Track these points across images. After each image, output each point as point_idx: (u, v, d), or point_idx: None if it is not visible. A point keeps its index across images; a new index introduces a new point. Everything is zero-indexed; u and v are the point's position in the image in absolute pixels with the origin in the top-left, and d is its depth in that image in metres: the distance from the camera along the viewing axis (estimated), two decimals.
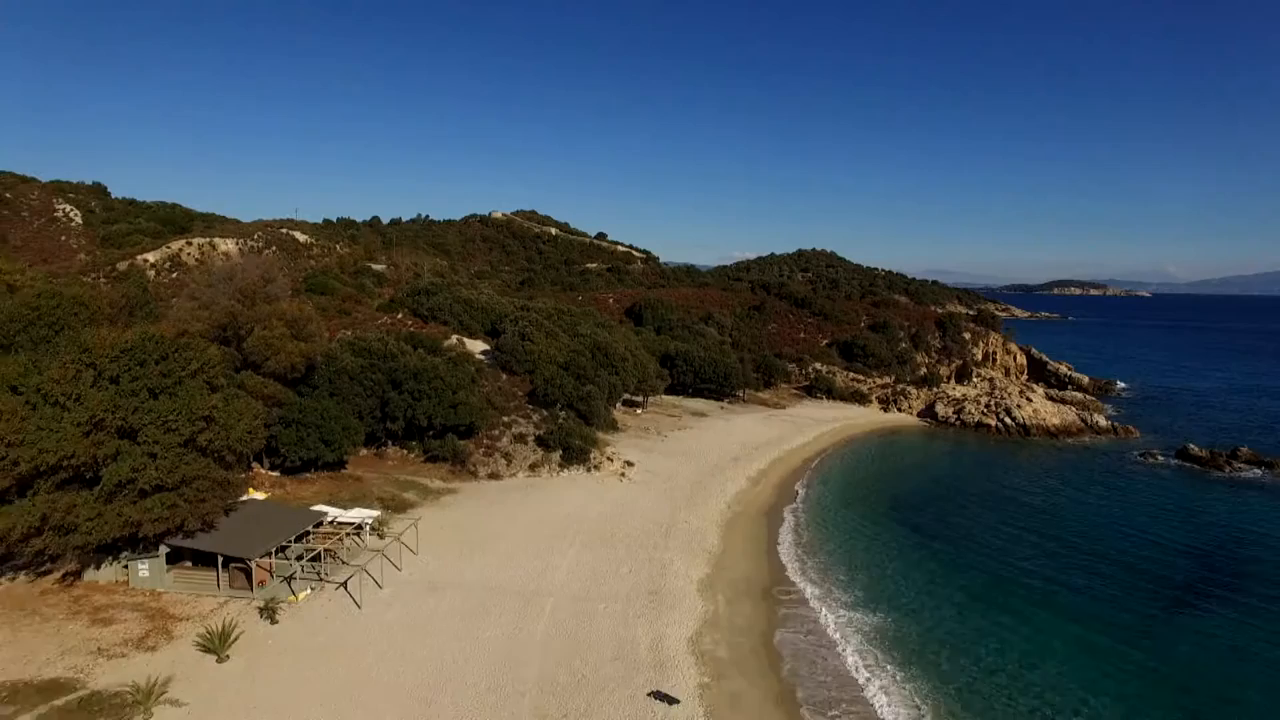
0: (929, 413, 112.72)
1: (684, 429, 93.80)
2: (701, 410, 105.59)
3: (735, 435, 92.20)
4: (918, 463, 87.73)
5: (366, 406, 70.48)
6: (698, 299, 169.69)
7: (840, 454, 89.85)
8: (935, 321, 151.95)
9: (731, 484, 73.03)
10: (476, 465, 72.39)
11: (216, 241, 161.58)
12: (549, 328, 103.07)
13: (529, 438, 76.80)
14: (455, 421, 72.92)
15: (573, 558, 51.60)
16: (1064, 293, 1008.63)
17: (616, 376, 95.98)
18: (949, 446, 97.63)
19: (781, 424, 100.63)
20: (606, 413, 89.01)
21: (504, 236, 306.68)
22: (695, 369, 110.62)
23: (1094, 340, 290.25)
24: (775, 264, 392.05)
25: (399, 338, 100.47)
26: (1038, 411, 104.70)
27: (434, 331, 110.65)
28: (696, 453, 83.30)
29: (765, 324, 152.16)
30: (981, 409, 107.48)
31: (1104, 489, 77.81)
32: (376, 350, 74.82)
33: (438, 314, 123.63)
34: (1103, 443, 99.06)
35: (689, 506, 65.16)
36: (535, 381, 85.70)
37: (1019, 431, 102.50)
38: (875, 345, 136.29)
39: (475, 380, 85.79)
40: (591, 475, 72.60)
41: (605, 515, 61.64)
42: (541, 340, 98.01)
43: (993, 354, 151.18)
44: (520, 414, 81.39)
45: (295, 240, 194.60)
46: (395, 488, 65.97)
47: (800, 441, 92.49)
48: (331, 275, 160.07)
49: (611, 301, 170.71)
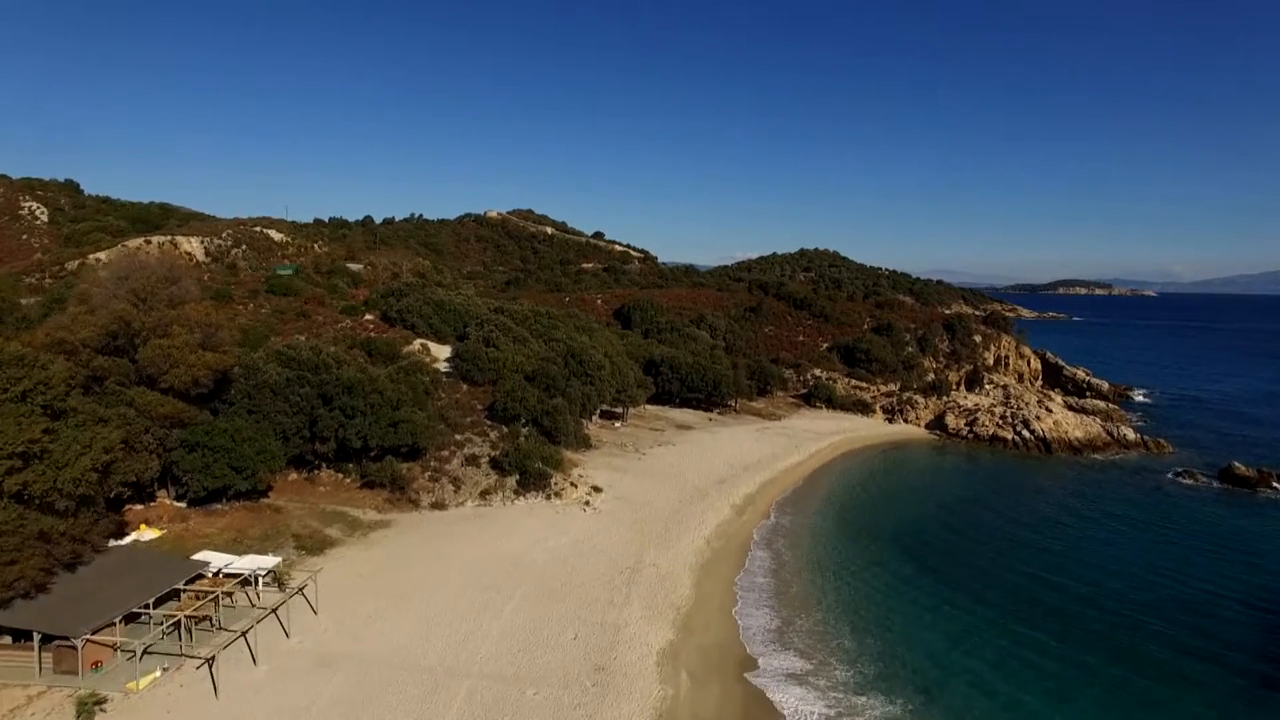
0: (938, 424, 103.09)
1: (665, 445, 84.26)
2: (687, 422, 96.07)
3: (722, 452, 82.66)
4: (927, 485, 78.08)
5: (293, 425, 61.06)
6: (691, 300, 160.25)
7: (839, 474, 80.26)
8: (943, 323, 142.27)
9: (713, 513, 63.50)
10: (419, 492, 62.99)
11: (179, 240, 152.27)
12: (518, 333, 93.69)
13: (483, 459, 67.38)
14: (395, 442, 63.47)
15: (508, 618, 42.13)
16: (1069, 292, 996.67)
17: (591, 386, 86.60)
18: (961, 464, 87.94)
19: (775, 438, 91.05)
20: (577, 428, 79.60)
21: (499, 236, 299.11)
22: (681, 377, 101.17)
23: (1104, 341, 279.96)
24: (777, 263, 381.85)
25: (352, 344, 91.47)
26: (1059, 424, 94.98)
27: (396, 336, 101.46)
28: (677, 474, 73.79)
29: (762, 326, 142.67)
30: (996, 420, 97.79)
31: (1143, 519, 67.96)
32: (307, 360, 65.41)
33: (406, 317, 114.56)
34: (1132, 459, 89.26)
35: (661, 543, 55.63)
36: (496, 394, 76.40)
37: (1039, 446, 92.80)
38: (879, 349, 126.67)
39: (429, 393, 76.53)
40: (551, 504, 63.14)
41: (559, 556, 52.18)
42: (508, 347, 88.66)
43: (1005, 358, 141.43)
44: (476, 431, 71.98)
45: (269, 239, 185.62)
46: (319, 521, 56.59)
47: (795, 459, 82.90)
48: (297, 275, 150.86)
49: (600, 303, 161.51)
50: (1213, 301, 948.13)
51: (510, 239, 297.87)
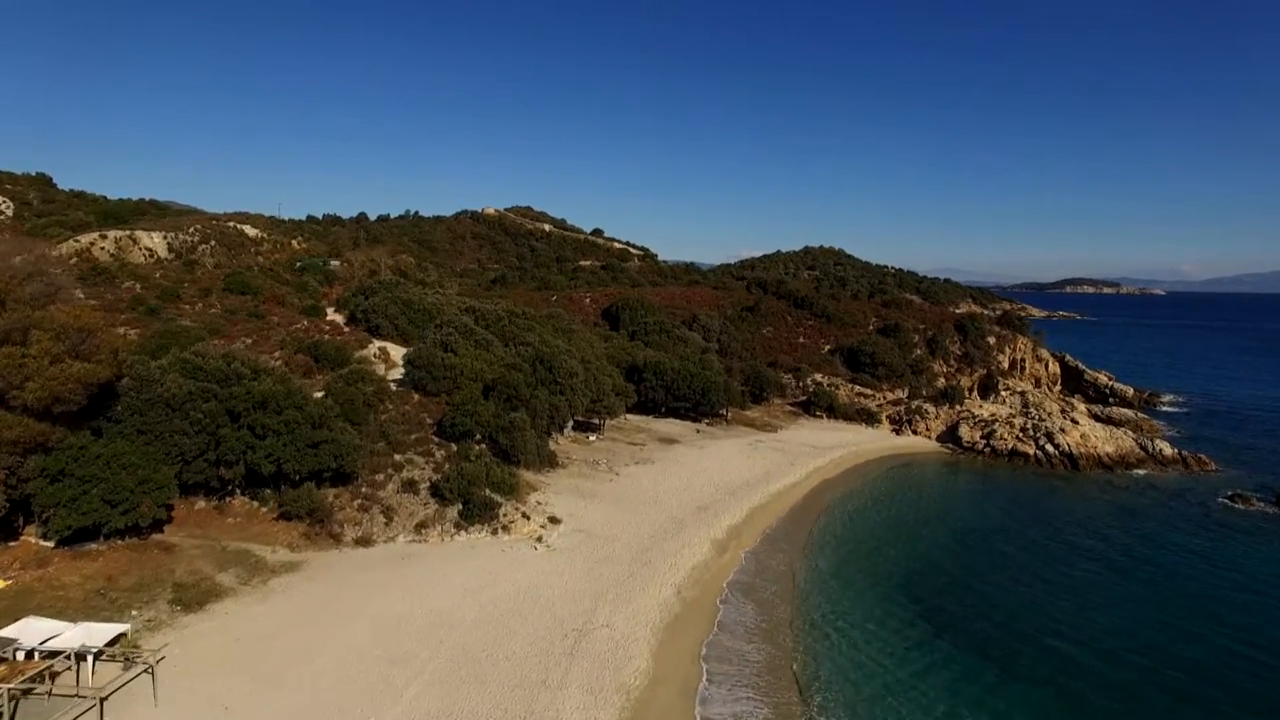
0: (951, 436, 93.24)
1: (644, 463, 74.68)
2: (672, 435, 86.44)
3: (708, 471, 73.05)
4: (940, 512, 68.21)
5: (192, 447, 51.71)
6: (685, 299, 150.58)
7: (840, 499, 70.55)
8: (954, 324, 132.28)
9: (689, 551, 53.85)
10: (343, 525, 53.54)
11: (139, 234, 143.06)
12: (481, 336, 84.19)
13: (422, 485, 57.87)
14: (316, 465, 54.05)
15: (404, 709, 32.63)
16: (1077, 291, 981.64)
17: (561, 397, 77.10)
18: (978, 484, 78.05)
19: (769, 454, 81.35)
20: (540, 445, 70.08)
21: (495, 233, 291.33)
22: (667, 384, 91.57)
23: (1119, 342, 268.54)
24: (781, 261, 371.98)
25: (299, 348, 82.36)
26: (1086, 437, 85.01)
27: (351, 339, 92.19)
28: (652, 499, 64.22)
29: (759, 327, 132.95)
30: (1016, 433, 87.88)
31: (1202, 558, 57.61)
32: (214, 370, 56.02)
33: (371, 318, 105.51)
34: (1171, 478, 79.22)
35: (620, 594, 46.05)
36: (446, 407, 66.99)
37: (1064, 463, 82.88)
38: (885, 352, 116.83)
39: (371, 405, 67.16)
40: (498, 540, 53.65)
41: (494, 612, 42.70)
42: (468, 352, 79.18)
43: (1021, 361, 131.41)
44: (421, 450, 62.52)
45: (243, 234, 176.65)
46: (214, 563, 47.20)
47: (790, 480, 73.21)
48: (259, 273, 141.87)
49: (588, 302, 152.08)
50: (1225, 300, 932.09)
51: (507, 236, 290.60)
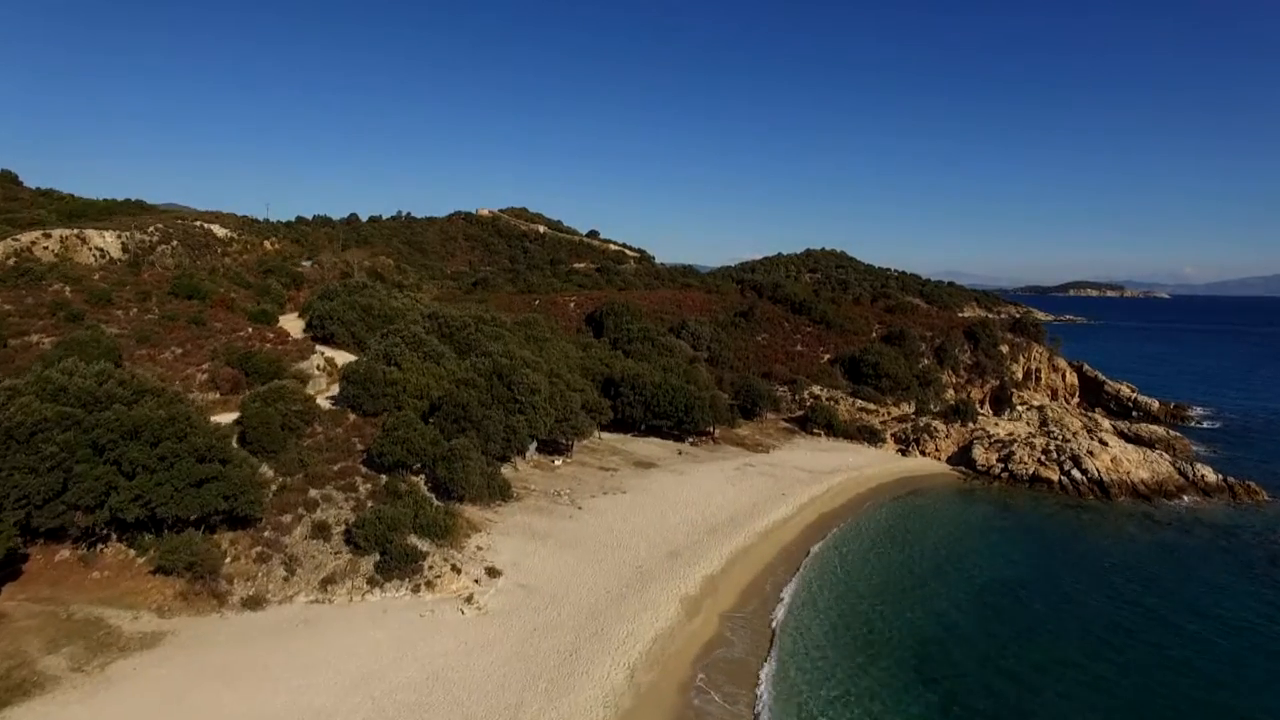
0: (963, 458, 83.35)
1: (613, 493, 64.93)
2: (650, 458, 76.68)
3: (686, 504, 63.28)
4: (956, 555, 58.19)
5: (41, 488, 42.07)
6: (675, 302, 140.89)
7: (839, 537, 60.69)
8: (964, 331, 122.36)
9: (653, 614, 44.05)
10: (233, 581, 43.92)
11: (89, 234, 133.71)
12: (432, 347, 74.47)
13: (336, 529, 48.19)
14: (200, 507, 44.44)
15: None
16: (1080, 294, 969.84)
17: (520, 416, 67.44)
18: (997, 517, 68.03)
19: (758, 481, 71.57)
20: (492, 474, 60.37)
21: (488, 235, 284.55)
22: (645, 399, 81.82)
23: (1132, 347, 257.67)
24: (781, 264, 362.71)
25: (230, 358, 72.98)
26: (1118, 461, 75.06)
27: (293, 349, 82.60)
28: (618, 540, 54.46)
29: (753, 334, 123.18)
30: (1038, 455, 77.94)
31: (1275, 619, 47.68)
32: (81, 392, 46.35)
33: (326, 324, 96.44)
34: (1218, 510, 69.20)
35: (557, 681, 36.28)
36: (375, 434, 57.27)
37: (1093, 490, 72.97)
38: (890, 362, 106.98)
39: (292, 429, 57.51)
40: (419, 600, 43.91)
41: (386, 713, 32.97)
42: (414, 365, 69.54)
43: (1036, 371, 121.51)
44: (343, 484, 52.81)
45: (211, 234, 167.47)
46: (45, 640, 37.51)
47: (781, 514, 63.38)
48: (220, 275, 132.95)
49: (572, 306, 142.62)
50: (1232, 304, 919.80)
51: (500, 238, 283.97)
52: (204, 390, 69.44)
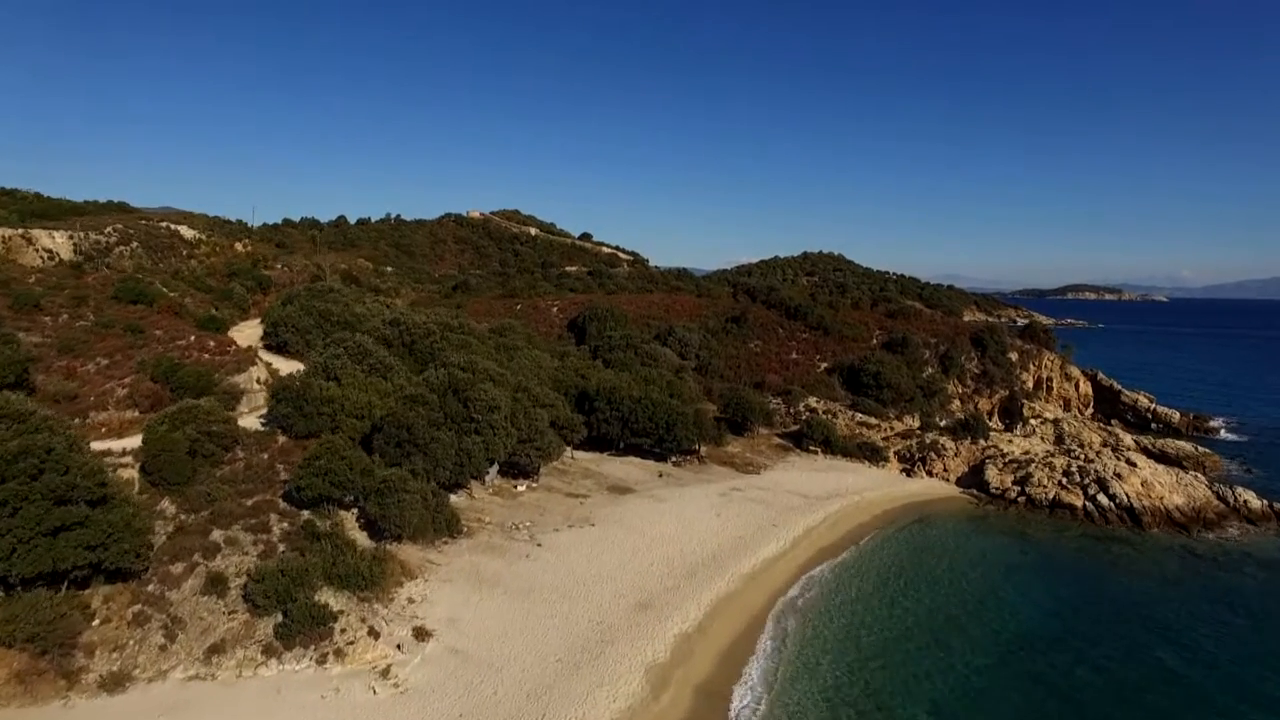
0: (975, 479, 75.47)
1: (581, 524, 56.91)
2: (626, 481, 68.69)
3: (663, 538, 55.28)
4: (975, 603, 49.97)
5: None
6: (662, 307, 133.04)
7: (838, 579, 52.64)
8: (971, 337, 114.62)
9: (610, 691, 36.02)
10: (94, 653, 35.87)
11: (36, 234, 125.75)
12: (379, 358, 66.46)
13: (235, 582, 40.12)
14: (59, 561, 36.38)
15: None
16: (1078, 297, 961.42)
17: (477, 437, 59.46)
18: (1017, 552, 59.80)
19: (747, 508, 63.60)
20: (438, 506, 52.31)
21: (479, 237, 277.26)
22: (622, 415, 73.83)
23: (1139, 353, 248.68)
24: (778, 267, 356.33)
25: (155, 371, 65.06)
26: (1149, 485, 67.18)
27: (231, 359, 74.58)
28: (578, 587, 46.46)
29: (745, 341, 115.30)
30: (1058, 478, 70.04)
31: None
32: None
33: (279, 331, 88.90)
34: (1269, 542, 61.09)
35: None
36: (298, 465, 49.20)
37: (1121, 519, 65.05)
38: (892, 371, 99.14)
39: (206, 456, 49.50)
40: (324, 673, 35.86)
41: None
42: (356, 380, 61.51)
43: (1047, 380, 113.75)
44: (254, 524, 44.77)
45: (177, 235, 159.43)
46: None
47: (771, 550, 55.38)
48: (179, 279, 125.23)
49: (555, 311, 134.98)
50: (1232, 307, 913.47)
51: (490, 240, 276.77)
52: (121, 408, 61.47)
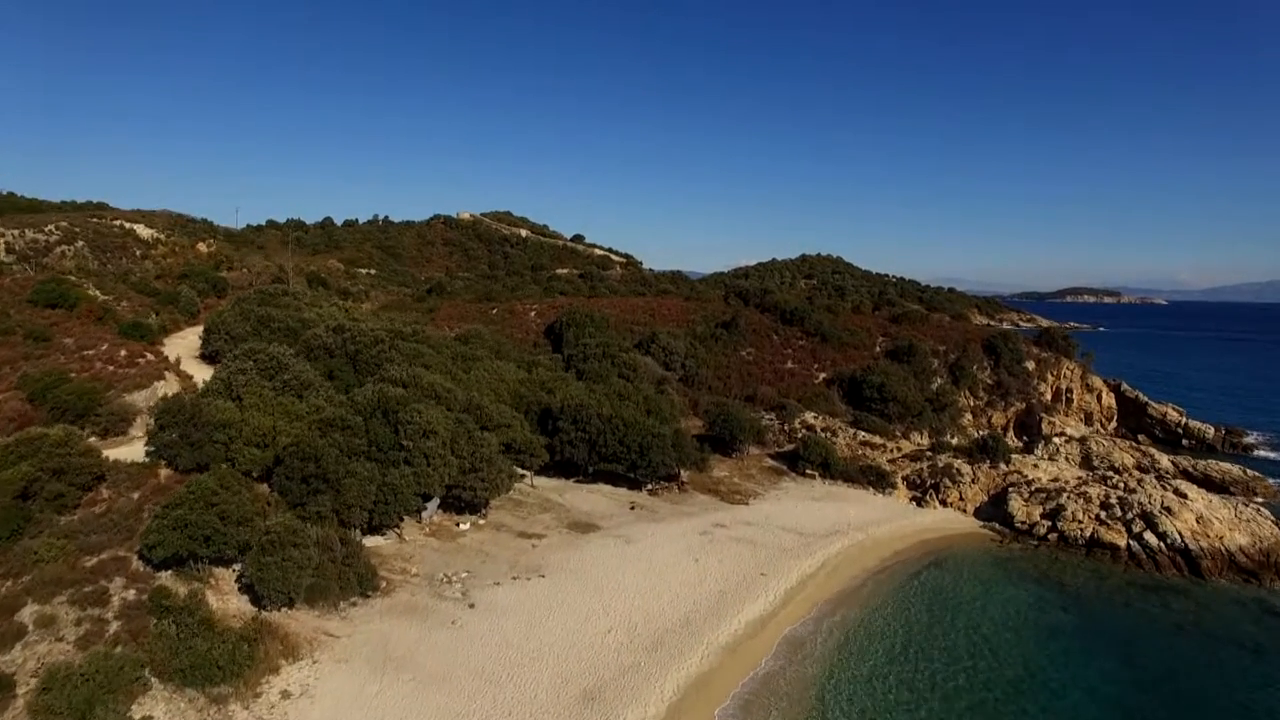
0: (996, 510, 65.52)
1: (529, 574, 46.83)
2: (591, 516, 58.62)
3: (628, 593, 45.23)
4: (1007, 680, 39.95)
5: None
6: (647, 311, 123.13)
7: (841, 647, 42.59)
8: (983, 344, 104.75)
9: None
10: None
11: None
12: (296, 374, 56.30)
13: (21, 687, 29.97)
14: None
15: None
16: (1077, 300, 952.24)
17: (407, 468, 49.46)
18: (1055, 609, 49.45)
19: (733, 550, 53.55)
20: (348, 558, 42.27)
21: (468, 239, 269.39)
22: (590, 436, 63.77)
23: (1140, 357, 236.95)
24: (776, 270, 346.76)
25: (35, 386, 55.28)
26: (1206, 521, 57.18)
27: (137, 374, 64.76)
28: (510, 669, 36.37)
29: (737, 349, 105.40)
30: (1096, 511, 60.04)
31: None
32: None
33: (212, 339, 79.85)
34: None
35: None
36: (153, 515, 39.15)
37: (1176, 563, 55.04)
38: (898, 383, 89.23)
39: (53, 499, 39.42)
40: None
41: None
42: (263, 399, 51.39)
43: (1067, 392, 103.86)
44: (88, 593, 34.70)
45: (132, 235, 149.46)
46: None
47: (760, 608, 45.32)
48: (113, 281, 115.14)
49: (533, 315, 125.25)
50: (1229, 310, 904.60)
51: (480, 242, 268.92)
52: None
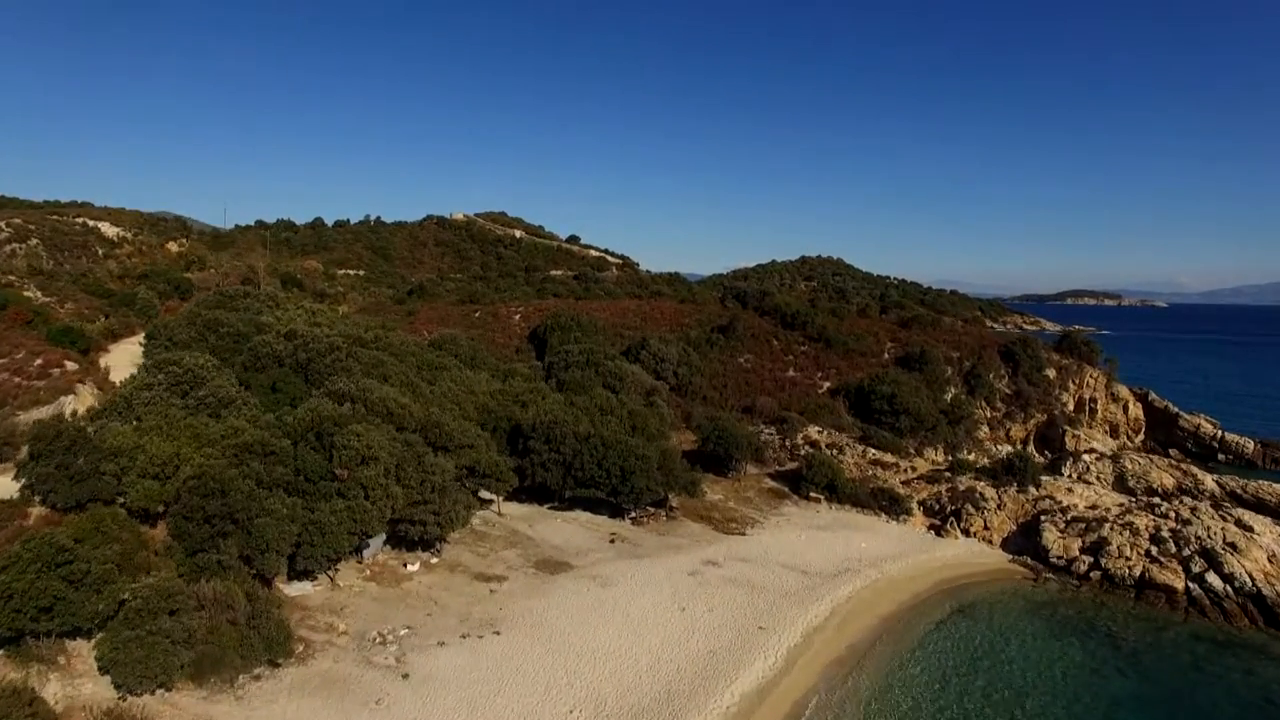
0: (1027, 543, 57.57)
1: (480, 632, 38.91)
2: (564, 551, 50.72)
3: (598, 656, 37.34)
4: None
5: None
6: (639, 314, 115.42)
7: None
8: (1000, 351, 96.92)
9: None
10: None
11: None
12: (215, 389, 48.34)
13: None
14: None
15: None
16: (1078, 303, 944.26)
17: (340, 500, 41.57)
18: (1106, 667, 41.47)
19: (726, 595, 45.64)
20: (254, 616, 34.38)
21: (461, 240, 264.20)
22: (564, 458, 55.86)
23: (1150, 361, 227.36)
24: (776, 271, 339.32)
25: None
26: (1277, 560, 49.30)
27: (47, 388, 57.25)
28: None
29: (734, 355, 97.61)
30: (1145, 547, 52.10)
31: None
32: None
33: (151, 348, 72.63)
34: None
35: None
36: None
37: (1248, 610, 47.05)
38: (910, 394, 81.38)
39: None
40: None
41: None
42: (169, 421, 43.45)
43: (1091, 402, 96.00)
44: None
45: (97, 233, 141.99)
46: None
47: (757, 675, 37.37)
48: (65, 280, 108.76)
49: (518, 318, 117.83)
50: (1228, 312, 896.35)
51: (473, 243, 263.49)
52: None
